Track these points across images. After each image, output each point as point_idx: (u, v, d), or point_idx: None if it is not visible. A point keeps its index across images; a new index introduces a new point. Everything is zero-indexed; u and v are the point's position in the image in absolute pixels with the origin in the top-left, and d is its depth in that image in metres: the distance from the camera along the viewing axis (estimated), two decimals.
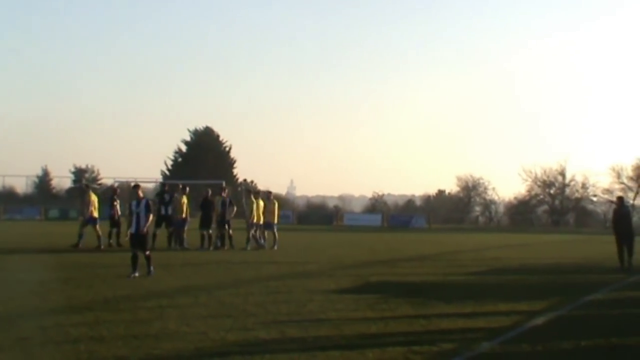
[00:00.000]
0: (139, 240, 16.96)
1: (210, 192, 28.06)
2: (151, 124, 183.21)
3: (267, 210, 28.14)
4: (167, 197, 26.60)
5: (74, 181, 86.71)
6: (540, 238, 48.72)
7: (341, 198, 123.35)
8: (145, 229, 16.96)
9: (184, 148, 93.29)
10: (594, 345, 9.97)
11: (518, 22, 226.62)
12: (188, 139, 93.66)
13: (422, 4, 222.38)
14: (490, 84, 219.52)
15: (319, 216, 76.59)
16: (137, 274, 16.56)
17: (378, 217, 74.57)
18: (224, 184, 43.67)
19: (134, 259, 16.77)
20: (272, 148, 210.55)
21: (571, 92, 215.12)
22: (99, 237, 25.51)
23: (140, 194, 17.37)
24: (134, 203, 17.21)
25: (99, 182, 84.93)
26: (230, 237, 27.23)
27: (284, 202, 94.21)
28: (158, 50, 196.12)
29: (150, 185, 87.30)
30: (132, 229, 17.10)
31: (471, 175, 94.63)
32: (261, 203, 28.05)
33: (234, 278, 17.14)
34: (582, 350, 9.62)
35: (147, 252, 17.03)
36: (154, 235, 25.31)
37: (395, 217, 76.03)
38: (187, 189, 27.81)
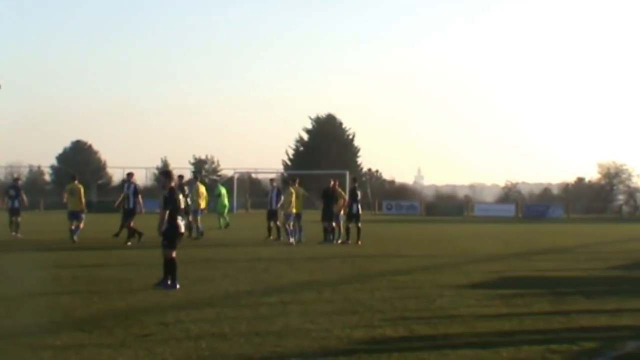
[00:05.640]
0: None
1: (333, 182, 27.83)
2: (272, 112, 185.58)
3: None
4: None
5: (193, 172, 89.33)
6: None
7: (472, 187, 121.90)
8: (163, 227, 13.85)
9: (305, 137, 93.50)
10: None
11: None
12: (310, 127, 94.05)
13: None
14: (632, 62, 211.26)
15: (449, 206, 75.66)
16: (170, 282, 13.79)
17: (511, 207, 73.06)
18: (347, 174, 43.84)
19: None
20: (398, 135, 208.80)
21: None
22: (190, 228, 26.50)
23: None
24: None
25: (219, 173, 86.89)
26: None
27: (411, 193, 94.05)
28: (279, 37, 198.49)
29: (271, 176, 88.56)
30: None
31: (613, 162, 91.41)
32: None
33: (359, 272, 17.23)
34: None
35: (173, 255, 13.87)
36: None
37: (530, 207, 74.30)
38: (297, 181, 27.76)
